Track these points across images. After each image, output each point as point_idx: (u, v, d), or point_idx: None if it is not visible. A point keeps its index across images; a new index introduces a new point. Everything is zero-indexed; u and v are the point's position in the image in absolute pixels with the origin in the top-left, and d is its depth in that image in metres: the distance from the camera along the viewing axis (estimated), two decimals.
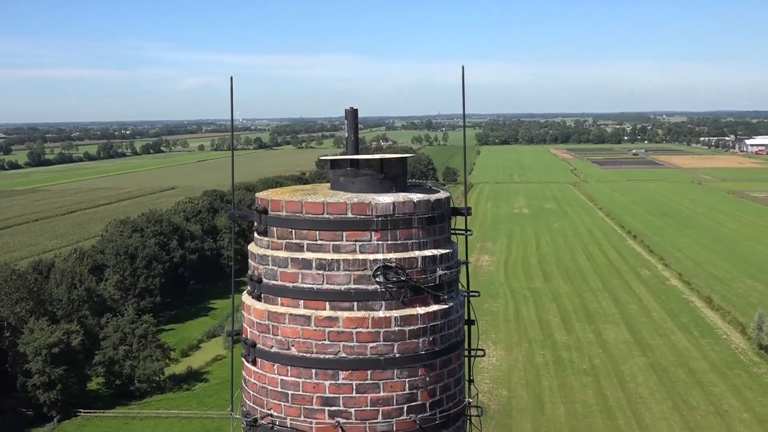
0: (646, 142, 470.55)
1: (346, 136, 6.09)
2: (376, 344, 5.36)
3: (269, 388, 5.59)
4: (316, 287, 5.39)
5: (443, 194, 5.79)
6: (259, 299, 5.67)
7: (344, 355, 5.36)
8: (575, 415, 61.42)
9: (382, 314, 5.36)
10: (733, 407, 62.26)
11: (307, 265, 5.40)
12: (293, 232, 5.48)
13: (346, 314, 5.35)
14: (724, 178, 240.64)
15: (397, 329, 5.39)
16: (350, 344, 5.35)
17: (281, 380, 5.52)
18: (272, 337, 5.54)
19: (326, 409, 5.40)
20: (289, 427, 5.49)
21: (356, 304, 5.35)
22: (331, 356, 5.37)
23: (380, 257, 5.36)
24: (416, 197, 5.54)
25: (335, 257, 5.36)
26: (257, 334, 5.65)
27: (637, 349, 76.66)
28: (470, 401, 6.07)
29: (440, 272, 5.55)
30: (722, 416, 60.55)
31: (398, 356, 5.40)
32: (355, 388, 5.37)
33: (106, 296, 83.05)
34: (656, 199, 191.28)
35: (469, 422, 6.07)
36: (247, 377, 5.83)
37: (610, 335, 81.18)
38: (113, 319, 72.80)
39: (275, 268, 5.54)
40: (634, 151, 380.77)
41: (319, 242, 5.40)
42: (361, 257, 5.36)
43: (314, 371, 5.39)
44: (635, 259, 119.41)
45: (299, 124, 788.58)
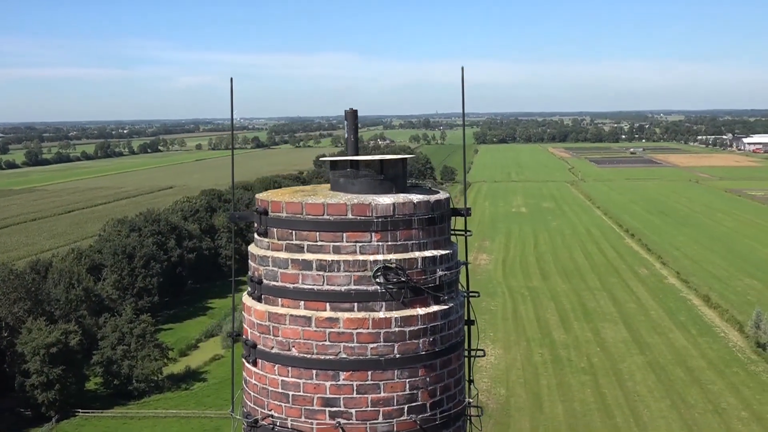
0: (643, 140, 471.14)
1: (345, 136, 6.11)
2: (376, 345, 5.37)
3: (270, 389, 5.59)
4: (316, 288, 5.40)
5: (443, 195, 5.80)
6: (259, 300, 5.68)
7: (345, 355, 5.37)
8: (573, 413, 61.48)
9: (382, 315, 5.37)
10: (731, 405, 62.36)
11: (307, 266, 5.41)
12: (293, 233, 5.49)
13: (346, 315, 5.36)
14: (721, 176, 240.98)
15: (397, 330, 5.40)
16: (351, 345, 5.36)
17: (282, 381, 5.53)
18: (273, 338, 5.55)
19: (327, 409, 5.41)
20: (289, 427, 5.50)
21: (357, 305, 5.36)
22: (331, 357, 5.38)
23: (380, 258, 5.37)
24: (416, 198, 5.55)
25: (335, 258, 5.37)
26: (258, 335, 5.66)
27: (635, 347, 76.74)
28: (470, 401, 6.09)
29: (440, 273, 5.56)
30: (720, 414, 60.65)
31: (399, 357, 5.41)
32: (355, 388, 5.38)
33: (104, 296, 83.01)
34: (654, 197, 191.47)
35: (469, 422, 6.08)
36: (247, 378, 5.84)
37: (608, 334, 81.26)
38: (111, 318, 72.83)
39: (275, 269, 5.54)
40: (631, 149, 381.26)
41: (319, 243, 5.41)
42: (361, 258, 5.37)
43: (315, 372, 5.40)
44: (633, 257, 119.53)
45: (297, 123, 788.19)
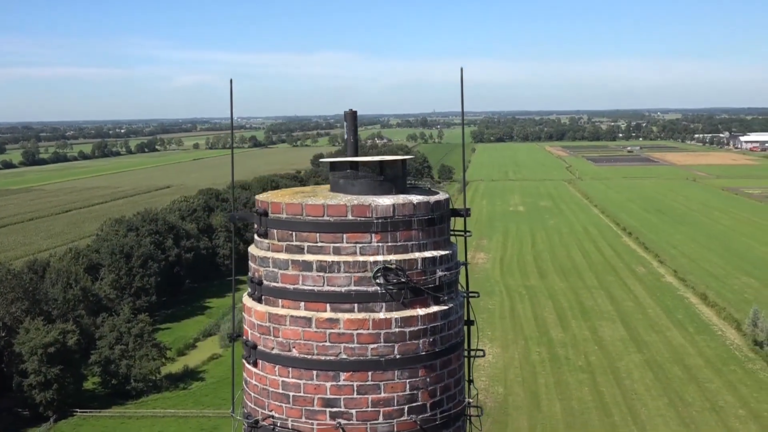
0: (641, 139, 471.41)
1: (345, 137, 6.12)
2: (376, 345, 5.38)
3: (270, 389, 5.61)
4: (316, 289, 5.41)
5: (442, 196, 5.82)
6: (259, 301, 5.69)
7: (345, 356, 5.38)
8: (571, 412, 61.53)
9: (382, 316, 5.39)
10: (728, 403, 62.45)
11: (307, 267, 5.43)
12: (294, 234, 5.50)
13: (346, 316, 5.37)
14: (718, 175, 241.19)
15: (397, 330, 5.41)
16: (351, 346, 5.38)
17: (282, 382, 5.54)
18: (273, 338, 5.56)
19: (327, 410, 5.43)
20: (290, 428, 5.51)
21: (357, 305, 5.38)
22: (332, 358, 5.39)
23: (380, 259, 5.38)
24: (416, 199, 5.57)
25: (336, 259, 5.38)
26: (258, 335, 5.67)
27: (632, 345, 76.82)
28: (470, 401, 6.11)
29: (440, 273, 5.58)
30: (718, 412, 60.72)
31: (399, 357, 5.43)
32: (356, 389, 5.40)
33: (101, 295, 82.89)
34: (651, 196, 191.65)
35: (469, 422, 6.10)
36: (248, 379, 5.85)
37: (605, 332, 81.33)
38: (109, 318, 72.75)
39: (276, 270, 5.56)
40: (629, 148, 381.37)
41: (319, 244, 5.43)
42: (361, 259, 5.38)
43: (315, 373, 5.42)
44: (630, 256, 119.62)
45: (294, 122, 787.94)
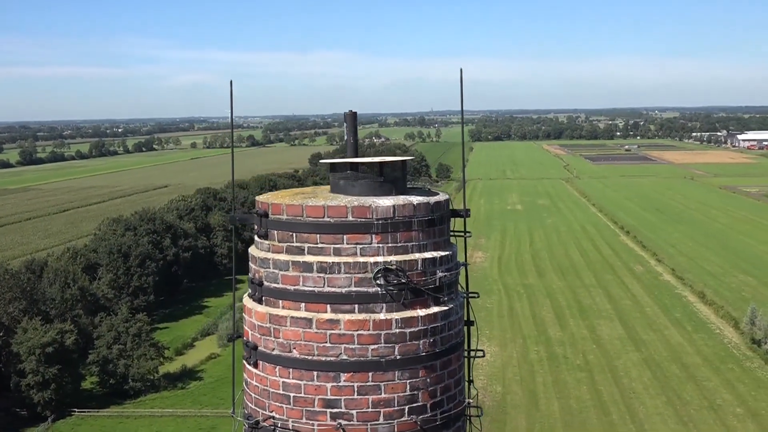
0: (638, 137, 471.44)
1: (345, 138, 6.14)
2: (377, 346, 5.39)
3: (271, 390, 5.62)
4: (317, 290, 5.42)
5: (442, 196, 5.83)
6: (260, 302, 5.70)
7: (345, 357, 5.39)
8: (569, 410, 61.60)
9: (383, 316, 5.40)
10: (726, 401, 62.54)
11: (308, 268, 5.43)
12: (294, 235, 5.51)
13: (347, 317, 5.38)
14: (716, 173, 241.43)
15: (397, 331, 5.42)
16: (351, 346, 5.39)
17: (283, 383, 5.55)
18: (274, 339, 5.57)
19: (328, 411, 5.44)
20: (291, 429, 5.52)
21: (357, 306, 5.39)
22: (332, 358, 5.40)
23: (381, 260, 5.39)
24: (416, 200, 5.58)
25: (336, 260, 5.39)
26: (259, 336, 5.68)
27: (630, 344, 76.89)
28: (470, 401, 6.12)
29: (440, 274, 5.59)
30: (716, 410, 60.81)
31: (399, 358, 5.44)
32: (356, 389, 5.41)
33: (99, 295, 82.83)
34: (649, 194, 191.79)
35: (469, 422, 6.11)
36: (248, 380, 5.85)
37: (603, 331, 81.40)
38: (107, 318, 72.72)
39: (276, 271, 5.56)
40: (626, 146, 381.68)
41: (319, 245, 5.43)
42: (361, 260, 5.39)
43: (316, 373, 5.43)
44: (628, 254, 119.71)
45: (292, 121, 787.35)
